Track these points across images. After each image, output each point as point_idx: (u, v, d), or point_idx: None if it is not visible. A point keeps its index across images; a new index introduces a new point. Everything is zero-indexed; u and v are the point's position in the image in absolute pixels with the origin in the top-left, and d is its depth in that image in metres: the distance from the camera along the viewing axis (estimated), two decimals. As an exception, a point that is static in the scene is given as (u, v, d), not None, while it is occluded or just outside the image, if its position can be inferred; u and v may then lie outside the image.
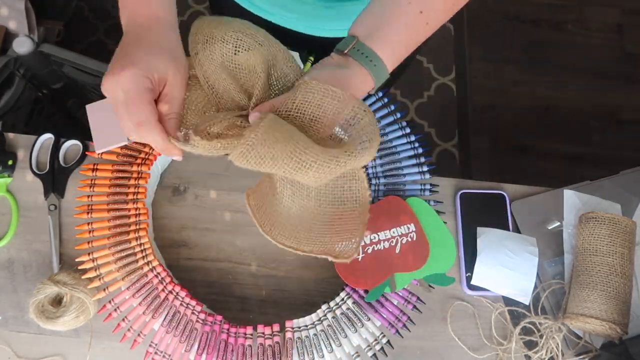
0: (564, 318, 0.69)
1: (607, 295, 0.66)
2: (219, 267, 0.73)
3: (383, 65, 0.53)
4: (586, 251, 0.69)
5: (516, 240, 0.72)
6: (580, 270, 0.69)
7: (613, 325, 0.65)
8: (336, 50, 0.55)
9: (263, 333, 0.66)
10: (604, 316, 0.65)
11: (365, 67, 0.53)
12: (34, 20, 1.20)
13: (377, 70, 0.53)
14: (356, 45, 0.53)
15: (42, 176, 0.75)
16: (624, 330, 0.66)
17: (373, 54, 0.53)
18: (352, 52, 0.53)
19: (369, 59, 0.53)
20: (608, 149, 1.74)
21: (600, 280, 0.67)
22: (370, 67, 0.53)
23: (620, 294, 0.66)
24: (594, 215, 0.70)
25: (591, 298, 0.66)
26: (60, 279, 0.66)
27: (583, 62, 1.85)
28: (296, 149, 0.46)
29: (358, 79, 0.53)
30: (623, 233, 0.68)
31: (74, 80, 0.96)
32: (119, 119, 0.53)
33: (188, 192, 0.76)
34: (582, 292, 0.67)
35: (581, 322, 0.67)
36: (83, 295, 0.66)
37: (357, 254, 0.54)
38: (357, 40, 0.54)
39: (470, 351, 0.69)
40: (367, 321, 0.66)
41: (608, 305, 0.66)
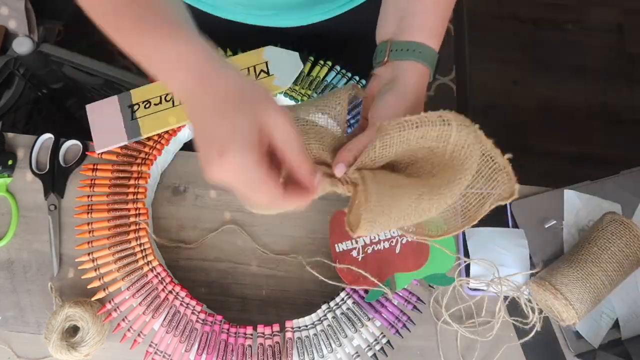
0: (533, 282, 0.68)
1: (586, 286, 0.65)
2: (219, 267, 0.73)
3: (427, 47, 0.51)
4: (595, 243, 0.68)
5: (505, 236, 0.73)
6: (577, 253, 0.69)
7: (574, 313, 0.65)
8: (376, 65, 0.53)
9: (263, 333, 0.66)
10: (572, 299, 0.65)
11: (412, 60, 0.51)
12: (34, 20, 1.20)
13: (424, 56, 0.51)
14: (392, 47, 0.52)
15: (42, 176, 0.75)
16: (573, 323, 0.66)
17: (411, 44, 0.51)
18: (392, 56, 0.51)
19: (411, 50, 0.51)
20: (608, 149, 1.74)
21: (589, 270, 0.66)
22: (417, 56, 0.51)
23: (597, 294, 0.66)
24: (623, 220, 0.68)
25: (571, 278, 0.66)
26: (71, 313, 0.65)
27: (583, 62, 1.85)
28: (411, 203, 0.46)
29: (415, 78, 0.51)
30: (637, 249, 0.68)
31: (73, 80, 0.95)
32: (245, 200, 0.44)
33: (188, 192, 0.76)
34: (567, 269, 0.67)
35: (547, 292, 0.66)
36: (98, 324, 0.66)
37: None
38: (390, 42, 0.52)
39: (469, 351, 0.69)
40: (367, 321, 0.66)
41: (581, 294, 0.65)
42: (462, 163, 0.47)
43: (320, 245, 0.73)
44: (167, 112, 0.73)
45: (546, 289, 0.66)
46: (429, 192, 0.46)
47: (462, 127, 0.46)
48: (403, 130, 0.46)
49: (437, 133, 0.46)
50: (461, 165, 0.47)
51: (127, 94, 0.75)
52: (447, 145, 0.47)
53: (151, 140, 0.73)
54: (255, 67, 0.74)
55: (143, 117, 0.72)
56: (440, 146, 0.47)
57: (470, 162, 0.46)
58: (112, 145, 0.72)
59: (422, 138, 0.46)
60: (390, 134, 0.46)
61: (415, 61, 0.51)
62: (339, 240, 0.69)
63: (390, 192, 0.46)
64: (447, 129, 0.46)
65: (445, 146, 0.47)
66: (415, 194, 0.46)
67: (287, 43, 0.77)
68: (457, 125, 0.46)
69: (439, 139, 0.46)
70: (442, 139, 0.46)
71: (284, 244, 0.74)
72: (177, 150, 0.77)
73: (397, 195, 0.46)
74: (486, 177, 0.49)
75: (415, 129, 0.46)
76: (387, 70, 0.53)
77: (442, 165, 0.48)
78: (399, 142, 0.47)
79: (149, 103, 0.73)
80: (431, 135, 0.46)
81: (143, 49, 0.43)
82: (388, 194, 0.46)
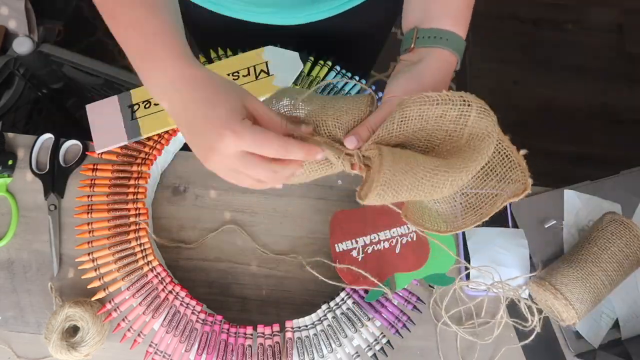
0: (533, 282, 0.68)
1: (586, 286, 0.65)
2: (219, 267, 0.73)
3: (453, 34, 0.51)
4: (595, 243, 0.68)
5: (505, 236, 0.73)
6: (577, 253, 0.69)
7: (574, 313, 0.65)
8: (403, 52, 0.53)
9: (263, 333, 0.66)
10: (572, 299, 0.65)
11: (439, 47, 0.51)
12: (34, 20, 1.20)
13: (451, 43, 0.51)
14: (418, 34, 0.52)
15: (42, 176, 0.75)
16: (573, 323, 0.66)
17: (438, 31, 0.51)
18: (418, 43, 0.52)
19: (437, 37, 0.51)
20: (608, 149, 1.74)
21: (589, 270, 0.66)
22: (443, 44, 0.51)
23: (597, 294, 0.66)
24: (623, 220, 0.69)
25: (571, 278, 0.66)
26: (71, 313, 0.65)
27: (583, 62, 1.85)
28: (426, 174, 0.45)
29: (438, 63, 0.51)
30: (637, 249, 0.68)
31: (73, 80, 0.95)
32: (247, 185, 0.49)
33: (188, 192, 0.76)
34: (567, 269, 0.67)
35: (547, 292, 0.66)
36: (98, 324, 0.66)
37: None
38: (416, 29, 0.52)
39: (469, 352, 0.69)
40: (367, 321, 0.66)
41: (581, 294, 0.65)
42: (479, 149, 0.46)
43: (320, 245, 0.73)
44: (167, 112, 0.73)
45: (546, 289, 0.66)
46: (445, 165, 0.46)
47: (482, 111, 0.46)
48: (423, 104, 0.46)
49: (457, 113, 0.46)
50: (478, 150, 0.46)
51: (127, 94, 0.75)
52: (465, 129, 0.46)
53: (151, 140, 0.73)
54: (255, 67, 0.74)
55: (143, 117, 0.72)
56: (458, 129, 0.47)
57: (487, 146, 0.46)
58: (112, 145, 0.72)
59: (441, 117, 0.46)
60: (410, 107, 0.46)
61: (441, 48, 0.51)
62: (339, 240, 0.69)
63: (406, 161, 0.46)
64: (467, 110, 0.46)
65: (463, 129, 0.46)
66: (431, 166, 0.46)
67: (287, 42, 0.77)
68: (477, 108, 0.46)
69: (458, 120, 0.46)
70: (460, 121, 0.46)
71: (284, 244, 0.74)
72: (177, 150, 0.77)
73: (412, 164, 0.46)
74: (500, 175, 0.48)
75: (436, 106, 0.46)
76: (412, 56, 0.53)
77: (459, 149, 0.48)
78: (417, 117, 0.47)
79: (149, 103, 0.73)
80: (450, 115, 0.46)
81: (132, 52, 0.48)
82: (403, 162, 0.46)
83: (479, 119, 0.46)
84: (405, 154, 0.47)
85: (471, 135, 0.47)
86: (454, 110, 0.46)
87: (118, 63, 1.77)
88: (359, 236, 0.69)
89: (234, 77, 0.74)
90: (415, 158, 0.47)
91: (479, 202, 0.50)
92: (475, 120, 0.46)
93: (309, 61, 0.77)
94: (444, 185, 0.46)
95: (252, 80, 0.74)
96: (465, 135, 0.47)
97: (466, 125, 0.46)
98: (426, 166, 0.46)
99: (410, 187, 0.46)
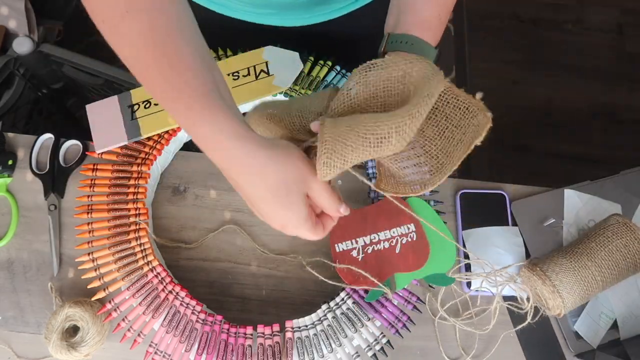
0: (525, 267, 0.69)
1: (577, 278, 0.66)
2: (219, 267, 0.73)
3: (421, 41, 0.53)
4: (593, 239, 0.68)
5: (501, 235, 0.73)
6: (574, 245, 0.69)
7: (560, 302, 0.65)
8: (379, 55, 0.55)
9: (263, 333, 0.66)
10: (560, 288, 0.65)
11: (403, 51, 0.53)
12: (34, 20, 1.20)
13: (416, 48, 0.53)
14: (389, 39, 0.54)
15: (42, 176, 0.75)
16: (559, 313, 0.66)
17: (408, 37, 0.53)
18: (388, 47, 0.54)
19: (404, 42, 0.53)
20: (608, 149, 1.74)
21: (583, 263, 0.66)
22: (409, 48, 0.53)
23: (587, 288, 0.66)
24: (627, 222, 0.68)
25: (563, 267, 0.66)
26: (71, 313, 0.65)
27: (583, 62, 1.85)
28: (368, 129, 0.45)
29: None
30: (636, 252, 0.68)
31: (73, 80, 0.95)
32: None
33: (188, 192, 0.76)
34: (560, 259, 0.67)
35: (536, 277, 0.66)
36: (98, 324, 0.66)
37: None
38: (388, 35, 0.55)
39: (469, 342, 0.69)
40: (367, 321, 0.67)
41: (571, 285, 0.65)
42: (420, 92, 0.46)
43: (320, 245, 0.73)
44: (167, 112, 0.73)
45: (536, 274, 0.66)
46: (387, 115, 0.46)
47: (425, 65, 0.47)
48: (369, 70, 0.48)
49: (401, 73, 0.48)
50: (419, 94, 0.46)
51: (127, 94, 0.75)
52: (411, 81, 0.48)
53: (151, 140, 0.73)
54: (255, 67, 0.74)
55: (143, 117, 0.72)
56: (406, 89, 0.48)
57: (427, 87, 0.46)
58: (112, 145, 0.72)
59: (387, 80, 0.48)
60: (356, 75, 0.49)
61: (406, 52, 0.53)
62: (339, 240, 0.69)
63: (347, 123, 0.47)
64: (410, 67, 0.48)
65: (409, 87, 0.48)
66: (372, 120, 0.46)
67: (289, 43, 0.77)
68: (420, 62, 0.47)
69: (403, 80, 0.48)
70: (405, 80, 0.48)
71: (284, 244, 0.74)
72: (177, 150, 0.77)
73: (353, 125, 0.46)
74: (456, 121, 0.49)
75: (382, 70, 0.48)
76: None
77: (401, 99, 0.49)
78: (364, 83, 0.49)
79: (149, 103, 0.73)
80: (396, 75, 0.48)
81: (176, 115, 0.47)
82: (344, 126, 0.46)
83: (422, 68, 0.47)
84: (348, 117, 0.48)
85: (416, 88, 0.47)
86: (399, 71, 0.48)
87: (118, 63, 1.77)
88: (359, 236, 0.69)
89: (234, 77, 0.74)
90: (357, 118, 0.47)
91: (443, 153, 0.49)
92: (418, 73, 0.47)
93: (309, 61, 0.77)
94: (390, 135, 0.45)
95: (252, 80, 0.74)
96: (411, 89, 0.48)
97: (412, 77, 0.48)
98: (367, 122, 0.46)
99: (355, 147, 0.45)
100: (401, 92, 0.48)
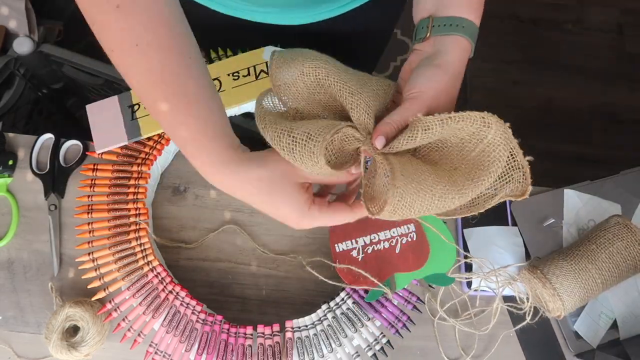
0: (526, 269, 0.68)
1: (577, 281, 0.66)
2: (219, 267, 0.73)
3: (469, 22, 0.51)
4: (594, 241, 0.68)
5: (502, 235, 0.73)
6: (575, 247, 0.69)
7: (560, 305, 0.65)
8: (417, 41, 0.53)
9: (263, 333, 0.66)
10: (560, 290, 0.65)
11: (457, 35, 0.51)
12: (34, 20, 1.19)
13: (467, 30, 0.51)
14: (434, 23, 0.52)
15: (42, 176, 0.75)
16: (558, 315, 0.66)
17: (454, 19, 0.51)
18: (434, 32, 0.51)
19: (454, 25, 0.51)
20: (608, 149, 1.74)
21: (583, 266, 0.66)
22: (460, 31, 0.51)
23: (587, 291, 0.66)
24: (628, 224, 0.68)
25: (563, 270, 0.66)
26: (72, 313, 0.65)
27: (583, 62, 1.85)
28: (435, 193, 0.45)
29: (456, 51, 0.51)
30: (637, 254, 0.68)
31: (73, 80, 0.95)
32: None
33: (188, 192, 0.76)
34: (561, 261, 0.67)
35: (537, 280, 0.66)
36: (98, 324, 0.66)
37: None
38: (431, 18, 0.52)
39: (469, 341, 0.70)
40: (367, 321, 0.67)
41: (571, 287, 0.65)
42: (488, 165, 0.46)
43: (320, 245, 0.73)
44: (167, 112, 0.73)
45: (536, 277, 0.66)
46: (454, 189, 0.46)
47: (499, 129, 0.46)
48: (444, 125, 0.46)
49: (475, 130, 0.46)
50: (487, 168, 0.46)
51: (127, 94, 0.75)
52: (479, 145, 0.46)
53: (151, 140, 0.73)
54: (255, 67, 0.74)
55: (143, 117, 0.72)
56: (472, 142, 0.47)
57: (497, 166, 0.46)
58: (112, 145, 0.72)
59: (459, 130, 0.46)
60: (432, 129, 0.46)
61: (459, 35, 0.51)
62: (339, 240, 0.69)
63: (418, 178, 0.46)
64: (485, 130, 0.46)
65: (477, 145, 0.46)
66: (440, 188, 0.45)
67: (288, 41, 0.77)
68: (496, 129, 0.46)
69: (474, 136, 0.46)
70: (476, 137, 0.46)
71: (284, 244, 0.74)
72: (177, 150, 0.77)
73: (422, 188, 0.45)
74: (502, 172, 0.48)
75: (456, 123, 0.46)
76: (428, 45, 0.52)
77: (468, 160, 0.47)
78: (438, 134, 0.47)
79: (149, 103, 0.73)
80: (469, 129, 0.46)
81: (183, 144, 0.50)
82: (415, 177, 0.46)
83: (495, 138, 0.46)
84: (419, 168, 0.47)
85: (483, 152, 0.46)
86: (473, 127, 0.46)
87: (118, 63, 1.77)
88: (359, 236, 0.69)
89: (234, 78, 0.74)
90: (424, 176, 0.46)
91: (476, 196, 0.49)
92: (491, 141, 0.46)
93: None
94: (453, 201, 0.46)
95: (252, 81, 0.74)
96: (477, 150, 0.47)
97: (481, 142, 0.46)
98: (435, 190, 0.45)
99: (420, 210, 0.46)
100: (466, 141, 0.47)
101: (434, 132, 0.46)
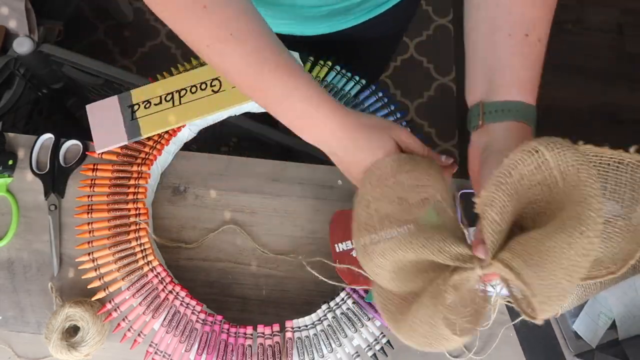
0: None
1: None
2: (219, 267, 0.73)
3: (522, 104, 0.48)
4: None
5: None
6: None
7: None
8: (472, 128, 0.51)
9: (263, 333, 0.66)
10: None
11: (510, 121, 0.48)
12: (34, 20, 1.20)
13: (521, 114, 0.48)
14: (484, 109, 0.49)
15: (42, 176, 0.75)
16: (556, 315, 0.65)
17: (505, 104, 0.48)
18: (487, 119, 0.49)
19: (506, 110, 0.48)
20: (608, 149, 1.73)
21: None
22: (513, 116, 0.48)
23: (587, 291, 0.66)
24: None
25: None
26: (72, 313, 0.65)
27: (583, 62, 1.85)
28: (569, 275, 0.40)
29: (512, 139, 0.47)
30: None
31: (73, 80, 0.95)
32: None
33: (188, 192, 0.76)
34: None
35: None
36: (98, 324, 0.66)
37: None
38: (482, 104, 0.50)
39: (470, 347, 0.70)
40: (367, 321, 0.67)
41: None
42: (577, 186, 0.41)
43: (320, 245, 0.73)
44: (167, 112, 0.73)
45: None
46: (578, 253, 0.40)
47: (552, 145, 0.42)
48: (500, 185, 0.42)
49: (534, 165, 0.42)
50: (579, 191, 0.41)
51: (127, 94, 0.75)
52: (552, 171, 0.42)
53: (151, 140, 0.74)
54: (255, 67, 0.74)
55: (143, 117, 0.73)
56: (548, 177, 0.42)
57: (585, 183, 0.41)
58: (112, 145, 0.72)
59: (522, 179, 0.42)
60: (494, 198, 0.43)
61: (512, 122, 0.48)
62: (339, 241, 0.69)
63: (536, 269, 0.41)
64: (539, 156, 0.42)
65: (551, 173, 0.42)
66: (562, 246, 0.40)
67: (302, 49, 0.77)
68: (546, 145, 0.42)
69: (539, 170, 0.42)
70: (542, 169, 0.42)
71: (284, 244, 0.74)
72: (177, 150, 0.77)
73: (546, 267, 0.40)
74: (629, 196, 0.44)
75: (510, 177, 0.42)
76: (482, 134, 0.50)
77: (564, 197, 0.43)
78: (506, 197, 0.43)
79: (149, 103, 0.73)
80: (529, 169, 0.42)
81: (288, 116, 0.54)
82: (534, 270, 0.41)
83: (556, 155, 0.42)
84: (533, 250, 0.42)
85: (564, 178, 0.42)
86: (529, 164, 0.42)
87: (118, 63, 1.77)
88: (359, 236, 0.68)
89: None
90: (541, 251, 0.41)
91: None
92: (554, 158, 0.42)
93: (308, 61, 0.77)
94: (583, 269, 0.41)
95: (252, 81, 0.74)
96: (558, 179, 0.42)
97: (551, 169, 0.42)
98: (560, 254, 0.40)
99: (563, 292, 0.41)
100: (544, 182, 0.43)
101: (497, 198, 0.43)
